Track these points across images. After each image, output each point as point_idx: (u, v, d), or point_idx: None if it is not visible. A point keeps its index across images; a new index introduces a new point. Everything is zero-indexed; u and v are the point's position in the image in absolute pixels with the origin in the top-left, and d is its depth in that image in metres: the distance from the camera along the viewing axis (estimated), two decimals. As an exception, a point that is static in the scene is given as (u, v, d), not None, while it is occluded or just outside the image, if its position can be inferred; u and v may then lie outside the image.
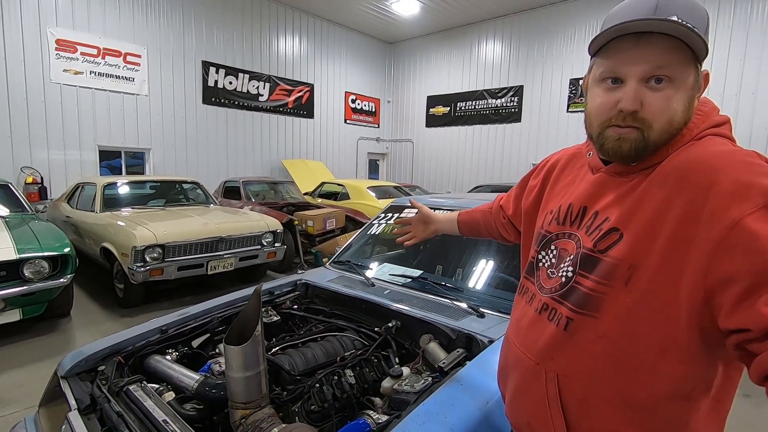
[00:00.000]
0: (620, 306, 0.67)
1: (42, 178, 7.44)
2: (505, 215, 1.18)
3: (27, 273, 3.23)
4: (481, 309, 1.61)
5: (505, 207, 1.18)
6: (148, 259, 3.91)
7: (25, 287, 3.19)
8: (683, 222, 0.62)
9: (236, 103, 10.16)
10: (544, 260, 0.84)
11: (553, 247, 0.82)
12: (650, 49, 0.64)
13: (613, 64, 0.68)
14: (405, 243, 1.39)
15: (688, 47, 0.63)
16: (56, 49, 7.47)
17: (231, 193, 7.38)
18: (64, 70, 7.59)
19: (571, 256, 0.76)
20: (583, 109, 0.77)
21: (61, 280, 3.38)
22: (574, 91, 10.06)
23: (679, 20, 0.62)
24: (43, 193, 7.33)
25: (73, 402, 1.25)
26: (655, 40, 0.64)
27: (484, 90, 11.80)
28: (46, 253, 3.31)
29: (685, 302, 0.62)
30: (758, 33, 7.80)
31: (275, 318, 1.80)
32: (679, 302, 0.63)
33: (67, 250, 3.45)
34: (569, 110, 10.14)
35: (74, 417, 1.18)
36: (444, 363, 1.32)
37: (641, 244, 0.66)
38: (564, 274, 0.76)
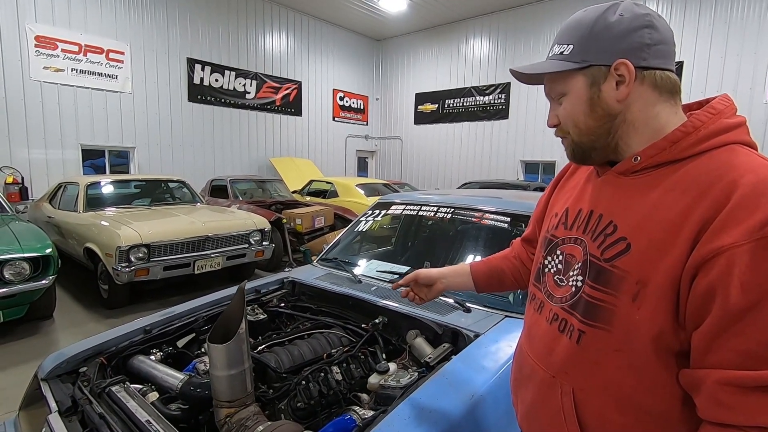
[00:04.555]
0: (631, 320, 0.66)
1: (23, 178, 7.27)
2: (534, 247, 1.02)
3: (7, 275, 3.16)
4: (467, 304, 1.62)
5: (531, 237, 1.06)
6: (133, 259, 3.85)
7: (5, 289, 3.12)
8: (696, 240, 0.60)
9: (222, 100, 10.04)
10: (550, 266, 0.82)
11: (558, 252, 0.81)
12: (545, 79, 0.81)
13: None
14: (416, 302, 1.19)
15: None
16: (36, 45, 7.30)
17: (218, 191, 7.31)
18: (45, 68, 7.42)
19: (579, 264, 0.75)
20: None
21: (43, 281, 3.32)
22: (560, 88, 10.14)
23: (555, 52, 0.77)
24: (23, 193, 7.17)
25: (53, 404, 1.23)
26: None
27: (472, 87, 11.85)
28: (26, 255, 3.24)
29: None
30: (728, 29, 7.96)
31: (262, 316, 1.79)
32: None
33: (48, 251, 3.38)
34: (556, 107, 10.22)
35: (54, 419, 1.16)
36: (430, 358, 1.33)
37: (650, 260, 0.64)
38: (574, 283, 0.75)
